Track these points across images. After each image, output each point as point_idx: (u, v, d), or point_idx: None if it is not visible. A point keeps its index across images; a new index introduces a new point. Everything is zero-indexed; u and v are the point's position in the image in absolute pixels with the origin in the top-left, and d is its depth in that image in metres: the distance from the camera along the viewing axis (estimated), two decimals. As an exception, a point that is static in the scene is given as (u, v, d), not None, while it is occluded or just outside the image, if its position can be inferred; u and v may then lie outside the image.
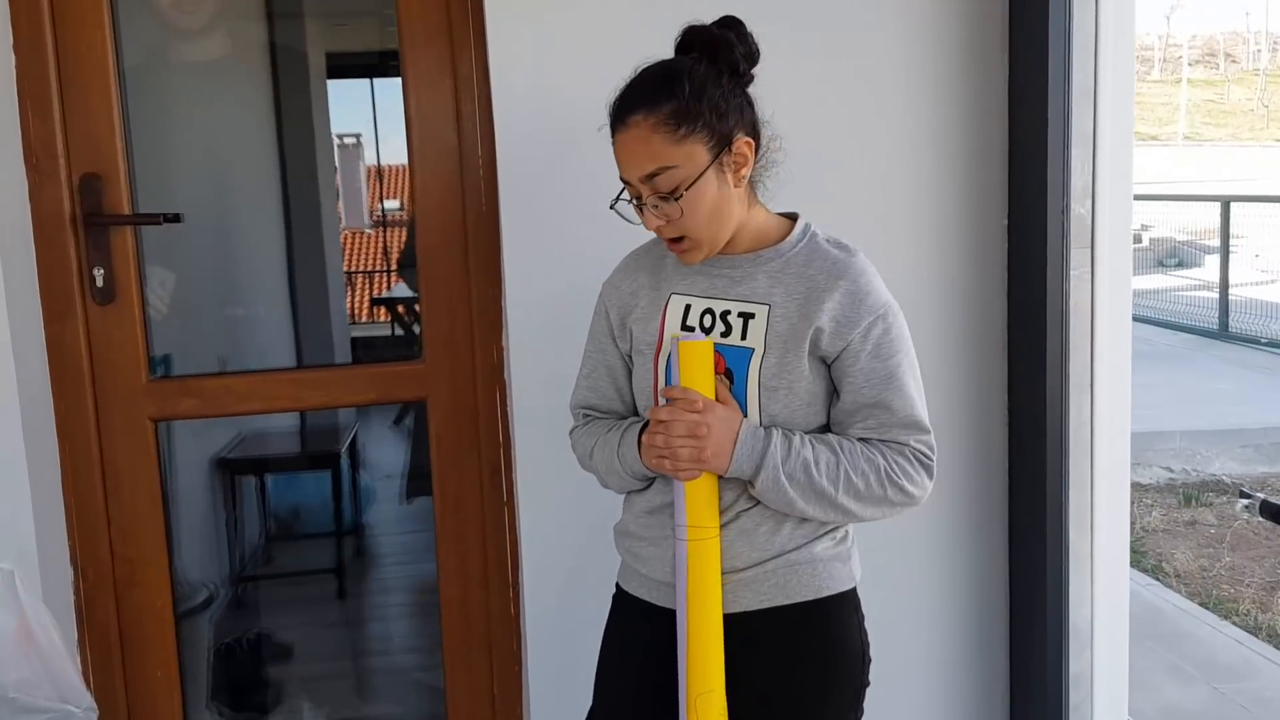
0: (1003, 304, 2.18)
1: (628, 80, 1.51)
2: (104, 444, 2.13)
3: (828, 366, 1.52)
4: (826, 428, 1.55)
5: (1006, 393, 2.18)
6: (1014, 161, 2.11)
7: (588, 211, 2.05)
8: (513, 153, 2.08)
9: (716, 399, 1.49)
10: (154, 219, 2.11)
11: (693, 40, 1.51)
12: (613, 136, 1.51)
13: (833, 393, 1.54)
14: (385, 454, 4.51)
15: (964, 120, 2.16)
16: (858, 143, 2.15)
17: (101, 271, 2.08)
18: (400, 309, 5.19)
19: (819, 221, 1.61)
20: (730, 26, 1.52)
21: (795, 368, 1.49)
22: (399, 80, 2.15)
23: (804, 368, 1.49)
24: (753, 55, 1.52)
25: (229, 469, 3.66)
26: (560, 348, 2.07)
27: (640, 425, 1.57)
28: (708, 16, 1.54)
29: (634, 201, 1.52)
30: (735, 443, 1.47)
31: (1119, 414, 2.11)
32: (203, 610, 2.77)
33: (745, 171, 1.50)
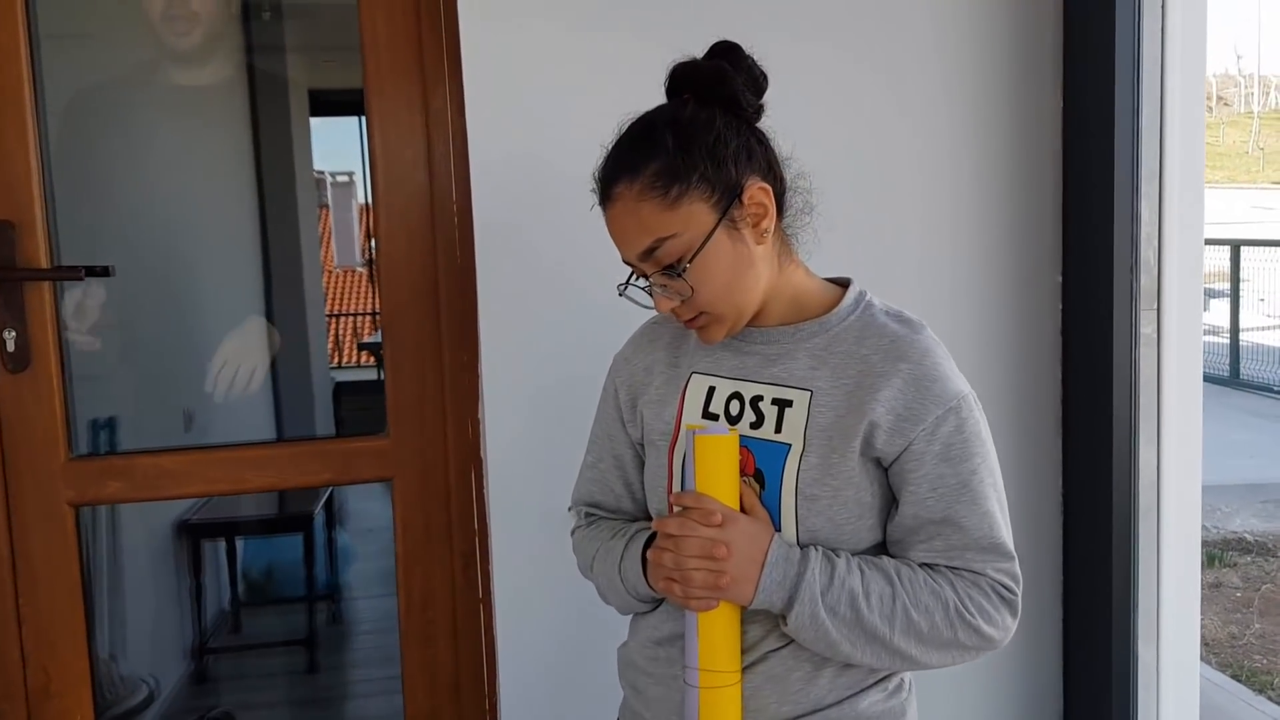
0: (1055, 377, 1.90)
1: (608, 147, 1.24)
2: (14, 533, 1.84)
3: (884, 470, 1.22)
4: (880, 548, 1.25)
5: (1060, 479, 1.90)
6: (1070, 210, 1.83)
7: (578, 266, 1.81)
8: (491, 198, 1.82)
9: (741, 508, 1.20)
10: (74, 273, 1.83)
11: (680, 80, 1.24)
12: (603, 214, 1.24)
13: (890, 504, 1.24)
14: (369, 506, 4.24)
15: (1011, 161, 1.90)
16: (888, 186, 1.88)
17: (13, 334, 1.80)
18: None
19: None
20: (723, 54, 1.24)
21: (842, 471, 1.19)
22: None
23: (853, 471, 1.20)
24: (756, 83, 1.24)
25: (192, 533, 3.40)
26: (545, 423, 1.84)
27: (647, 535, 1.28)
28: (703, 47, 1.27)
29: (641, 284, 1.25)
30: (763, 566, 1.17)
31: (1189, 518, 1.82)
32: (140, 712, 2.47)
33: (767, 224, 1.22)
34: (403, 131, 1.89)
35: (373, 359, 5.68)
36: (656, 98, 1.28)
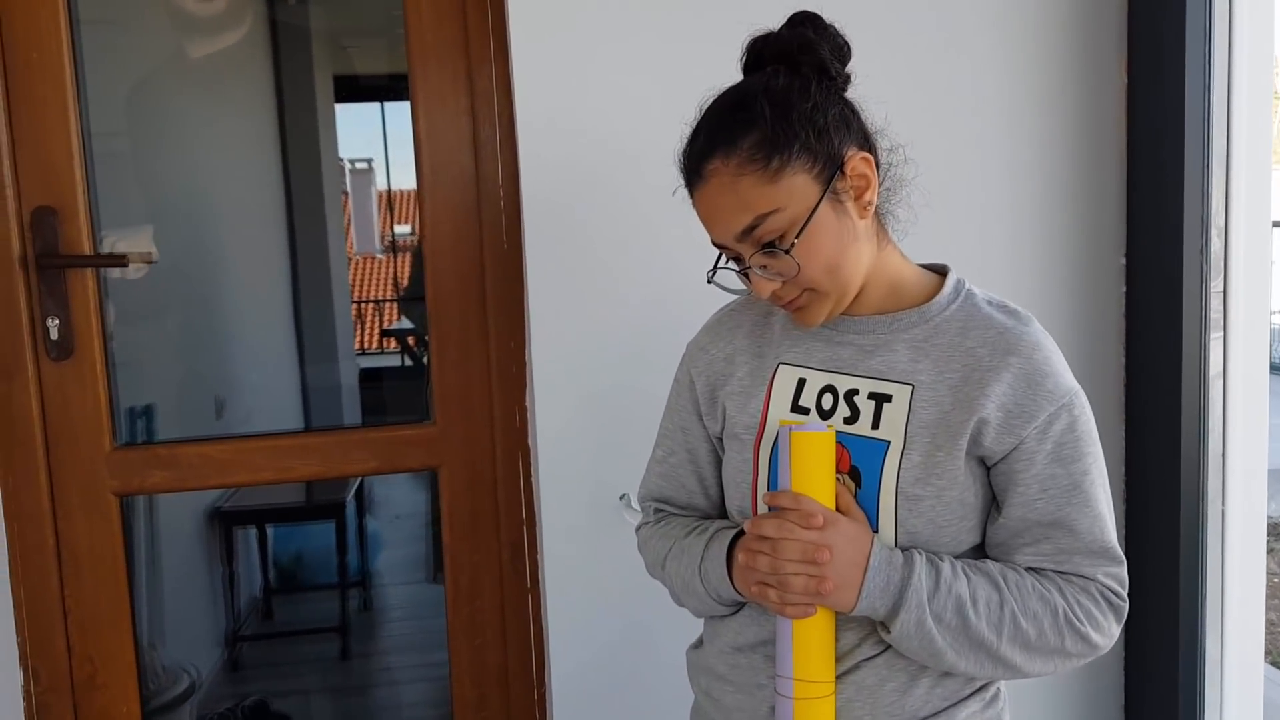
0: (1119, 363, 1.84)
1: (693, 124, 1.18)
2: (60, 524, 1.82)
3: (987, 469, 1.17)
4: (978, 551, 1.19)
5: (1124, 468, 1.84)
6: (1135, 191, 1.78)
7: (631, 250, 1.77)
8: (539, 181, 1.77)
9: (837, 508, 1.14)
10: (119, 260, 1.80)
11: (761, 52, 1.18)
12: (691, 196, 1.17)
13: (989, 504, 1.18)
14: (397, 493, 4.21)
15: (1075, 141, 1.85)
16: (948, 168, 1.83)
17: (57, 322, 1.77)
18: (411, 340, 5.02)
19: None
20: (804, 23, 1.18)
21: (947, 470, 1.13)
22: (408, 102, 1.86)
23: (958, 470, 1.13)
24: (841, 51, 1.17)
25: (225, 520, 3.39)
26: (595, 410, 1.80)
27: (732, 534, 1.21)
28: (772, 20, 1.22)
29: (736, 267, 1.18)
30: (865, 571, 1.11)
31: (1255, 511, 1.77)
32: (183, 701, 2.45)
33: (870, 196, 1.15)
34: (448, 113, 1.85)
35: (397, 345, 5.68)
36: (720, 70, 1.22)
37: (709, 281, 1.20)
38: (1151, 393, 1.79)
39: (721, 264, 1.20)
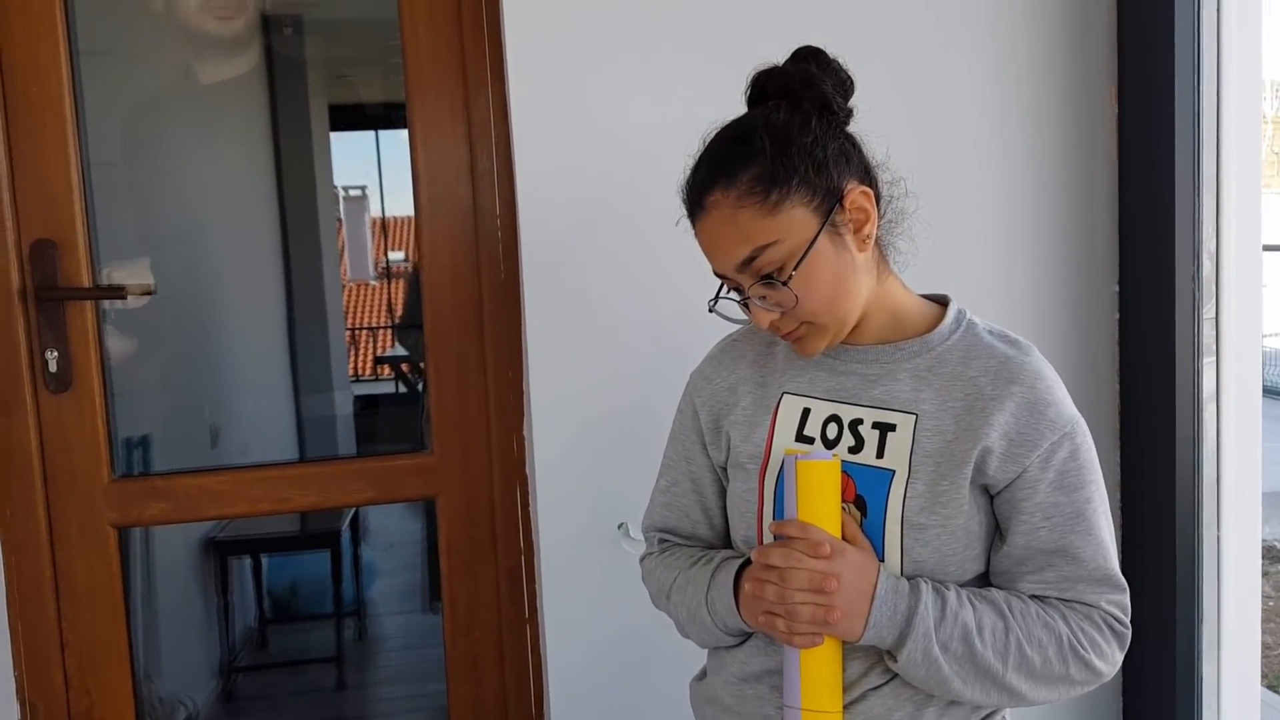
0: (1113, 389, 1.86)
1: (695, 156, 1.19)
2: (58, 556, 1.82)
3: (991, 498, 1.18)
4: (982, 580, 1.20)
5: (1120, 493, 1.85)
6: (1127, 218, 1.80)
7: (627, 280, 1.78)
8: (537, 211, 1.79)
9: (843, 537, 1.14)
10: (117, 292, 1.81)
11: (765, 85, 1.20)
12: (693, 226, 1.19)
13: (994, 533, 1.19)
14: (390, 522, 4.20)
15: (1066, 168, 1.87)
16: (938, 196, 1.84)
17: (55, 354, 1.77)
18: (404, 367, 5.02)
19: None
20: (807, 58, 1.20)
21: (952, 499, 1.14)
22: (403, 131, 1.87)
23: (963, 499, 1.14)
24: (844, 85, 1.19)
25: (219, 550, 3.37)
26: (593, 438, 1.81)
27: (738, 564, 1.22)
28: (770, 50, 1.23)
29: (736, 297, 1.20)
30: (872, 600, 1.11)
31: (1249, 533, 1.78)
32: (181, 733, 2.44)
33: (869, 229, 1.17)
34: (445, 142, 1.86)
35: (391, 372, 5.68)
36: (716, 104, 1.24)
37: (710, 311, 1.21)
38: (1146, 419, 1.80)
39: (723, 294, 1.21)
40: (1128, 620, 1.18)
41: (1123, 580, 1.17)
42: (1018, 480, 1.14)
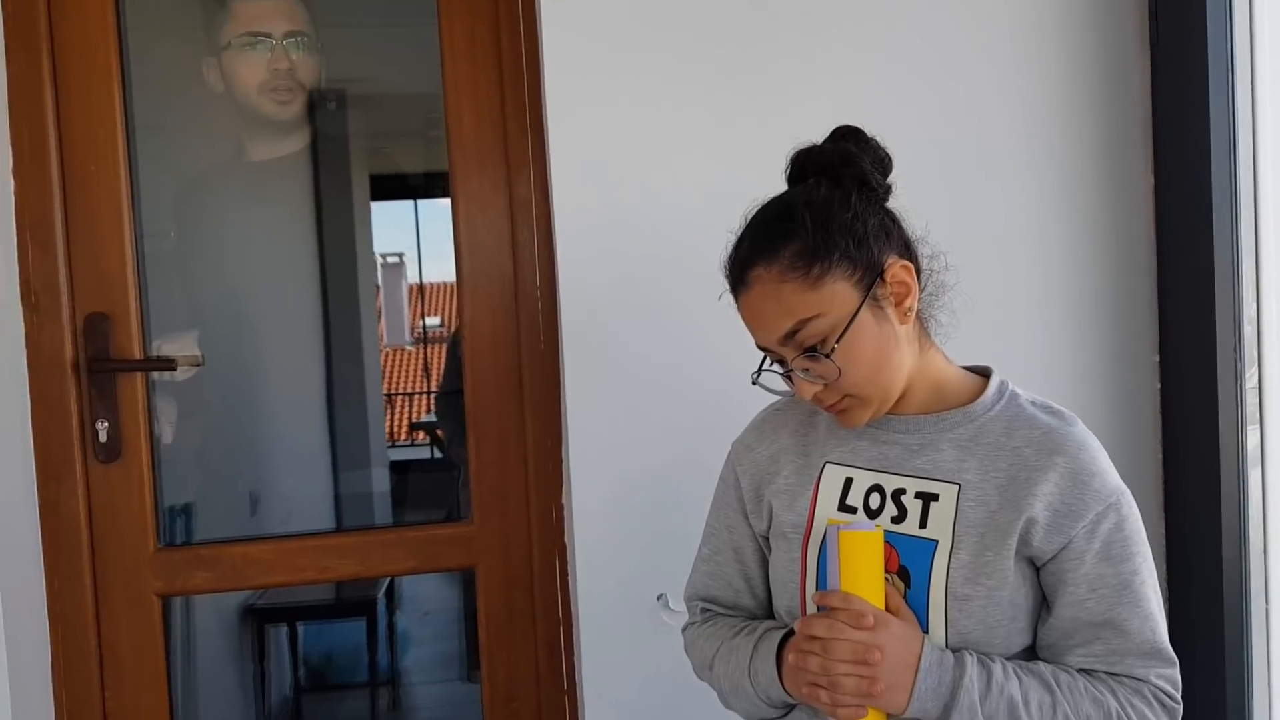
0: (1156, 458, 1.84)
1: (737, 232, 1.23)
2: (103, 626, 1.84)
3: (1037, 570, 1.18)
4: (1029, 653, 1.20)
5: (1166, 565, 1.83)
6: (1165, 285, 1.80)
7: (665, 351, 1.81)
8: (577, 283, 1.81)
9: (887, 608, 1.15)
10: (167, 364, 1.85)
11: (804, 164, 1.23)
12: (735, 301, 1.22)
13: (1040, 605, 1.19)
14: (424, 589, 4.19)
15: (1104, 242, 1.87)
16: (975, 260, 1.86)
17: (105, 424, 1.81)
18: (439, 432, 5.05)
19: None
20: (846, 137, 1.23)
21: (997, 569, 1.14)
22: (442, 200, 1.93)
23: (1008, 570, 1.14)
24: (883, 163, 1.23)
25: (257, 618, 3.38)
26: (632, 509, 1.82)
27: (781, 634, 1.22)
28: (808, 129, 1.26)
29: (779, 370, 1.22)
30: (917, 672, 1.11)
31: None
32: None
33: (910, 302, 1.19)
34: (487, 216, 1.90)
35: (426, 438, 5.71)
36: (755, 183, 1.27)
37: (754, 383, 1.23)
38: (1190, 489, 1.78)
39: (766, 366, 1.23)
40: (1178, 695, 1.16)
41: (1172, 654, 1.16)
42: (1063, 552, 1.14)
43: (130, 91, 1.85)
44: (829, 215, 1.16)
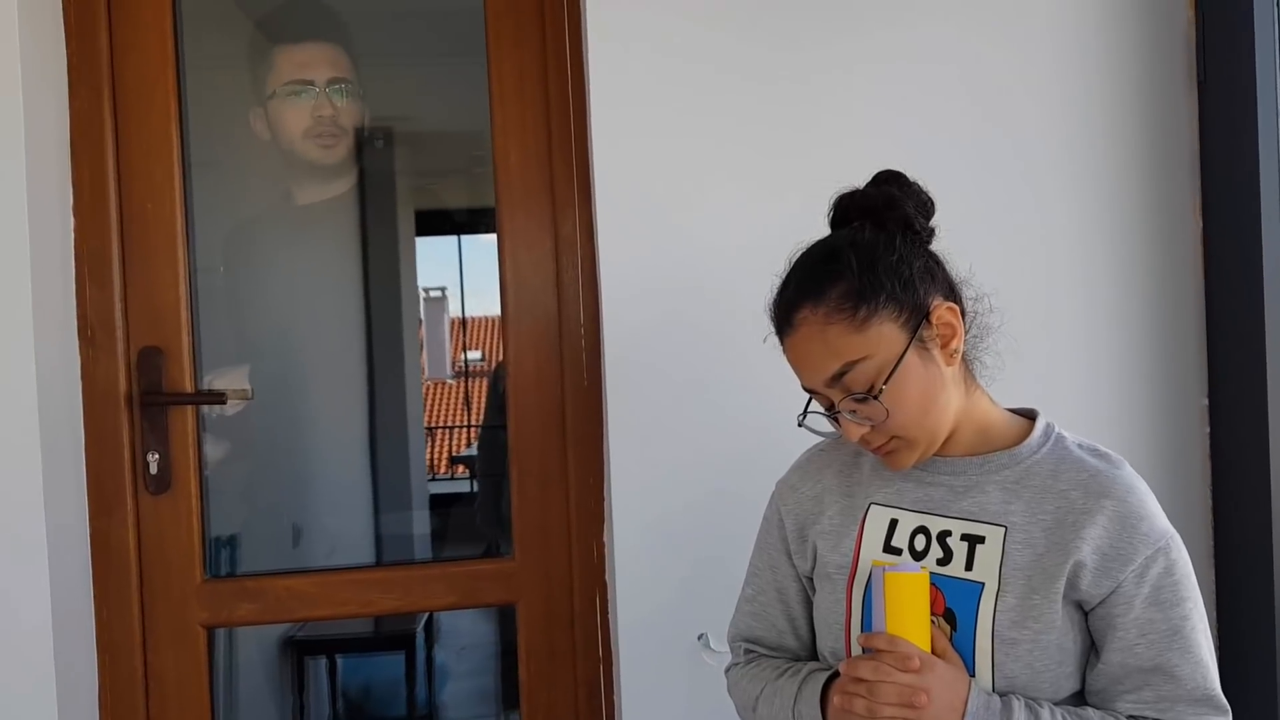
0: (1206, 505, 1.82)
1: (783, 275, 1.23)
2: (149, 656, 1.86)
3: (1085, 615, 1.16)
4: (1078, 699, 1.18)
5: (1216, 613, 1.80)
6: (1213, 327, 1.78)
7: (710, 392, 1.81)
8: (620, 323, 1.83)
9: (933, 651, 1.14)
10: (218, 398, 1.88)
11: (848, 208, 1.24)
12: (781, 343, 1.22)
13: (1089, 650, 1.18)
14: (461, 623, 4.19)
15: (1152, 284, 1.86)
16: (1017, 296, 1.86)
17: (156, 457, 1.84)
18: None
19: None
20: (889, 181, 1.24)
21: (1044, 613, 1.13)
22: (485, 235, 1.95)
23: (1055, 614, 1.13)
24: (925, 206, 1.23)
25: (297, 650, 3.39)
26: (673, 547, 1.82)
27: (826, 676, 1.22)
28: (852, 173, 1.27)
29: (825, 412, 1.22)
30: (964, 716, 1.11)
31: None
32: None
33: (956, 344, 1.19)
34: (533, 256, 1.92)
35: (466, 471, 5.73)
36: (798, 218, 1.28)
37: (799, 425, 1.23)
38: (1241, 534, 1.75)
39: (811, 408, 1.23)
40: None
41: (1224, 701, 1.14)
42: (1112, 596, 1.13)
43: (188, 129, 1.90)
44: (875, 257, 1.16)
